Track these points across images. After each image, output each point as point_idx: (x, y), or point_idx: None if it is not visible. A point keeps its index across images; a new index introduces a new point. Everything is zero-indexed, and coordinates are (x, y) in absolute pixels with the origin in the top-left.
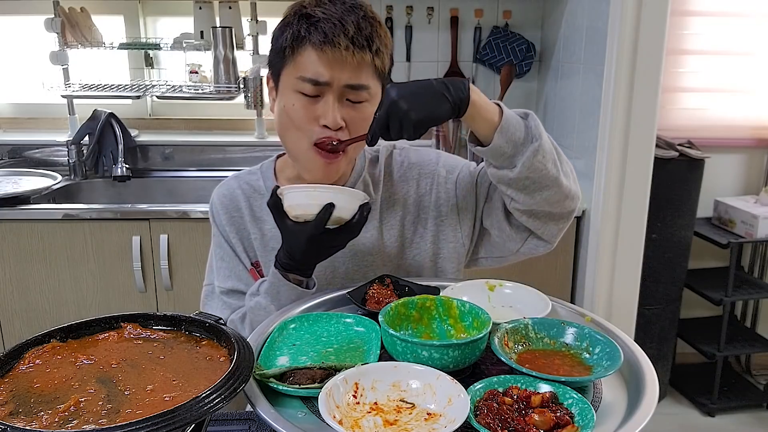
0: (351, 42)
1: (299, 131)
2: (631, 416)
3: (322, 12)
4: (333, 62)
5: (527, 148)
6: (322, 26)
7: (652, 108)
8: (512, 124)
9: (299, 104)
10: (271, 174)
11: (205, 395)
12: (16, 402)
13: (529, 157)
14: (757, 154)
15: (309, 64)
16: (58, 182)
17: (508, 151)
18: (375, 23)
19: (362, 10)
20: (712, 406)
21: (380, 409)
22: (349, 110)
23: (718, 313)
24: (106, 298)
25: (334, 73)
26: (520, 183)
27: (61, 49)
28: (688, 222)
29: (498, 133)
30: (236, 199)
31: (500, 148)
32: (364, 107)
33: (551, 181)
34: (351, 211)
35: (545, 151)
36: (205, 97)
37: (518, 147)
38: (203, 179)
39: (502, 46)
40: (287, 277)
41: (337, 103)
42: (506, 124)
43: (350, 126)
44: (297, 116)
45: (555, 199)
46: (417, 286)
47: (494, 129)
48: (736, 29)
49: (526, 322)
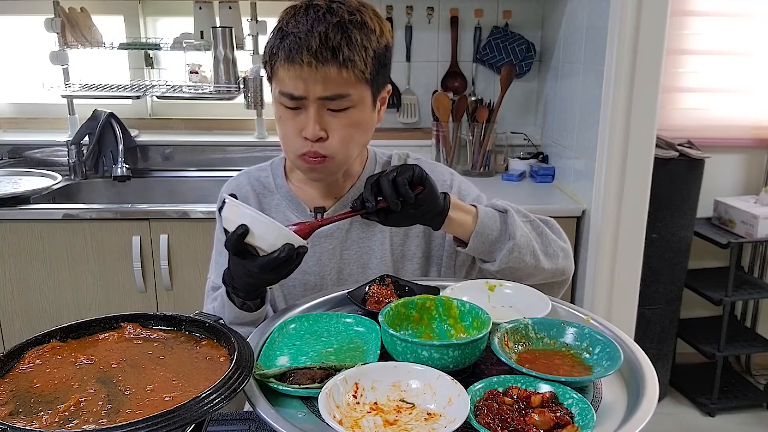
0: (313, 57)
1: (288, 142)
2: (631, 416)
3: (293, 26)
4: (301, 77)
5: (504, 245)
6: (287, 43)
7: (652, 108)
8: (487, 226)
9: (284, 116)
10: (281, 171)
11: (205, 395)
12: (16, 402)
13: (505, 254)
14: (757, 154)
15: (284, 79)
16: (58, 182)
17: (486, 249)
18: (349, 27)
19: (336, 16)
20: (712, 406)
21: (380, 409)
22: (331, 119)
23: (718, 313)
24: (106, 298)
25: (307, 87)
26: (504, 273)
27: (61, 49)
28: (688, 222)
29: (473, 237)
30: (245, 195)
31: (477, 248)
32: (349, 114)
33: (533, 270)
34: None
35: (521, 247)
36: (205, 97)
37: (494, 245)
38: (203, 179)
39: (502, 46)
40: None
41: (316, 114)
42: (480, 229)
43: (333, 135)
44: (283, 128)
45: (542, 281)
46: (417, 286)
47: (469, 234)
48: (736, 29)
49: (526, 322)
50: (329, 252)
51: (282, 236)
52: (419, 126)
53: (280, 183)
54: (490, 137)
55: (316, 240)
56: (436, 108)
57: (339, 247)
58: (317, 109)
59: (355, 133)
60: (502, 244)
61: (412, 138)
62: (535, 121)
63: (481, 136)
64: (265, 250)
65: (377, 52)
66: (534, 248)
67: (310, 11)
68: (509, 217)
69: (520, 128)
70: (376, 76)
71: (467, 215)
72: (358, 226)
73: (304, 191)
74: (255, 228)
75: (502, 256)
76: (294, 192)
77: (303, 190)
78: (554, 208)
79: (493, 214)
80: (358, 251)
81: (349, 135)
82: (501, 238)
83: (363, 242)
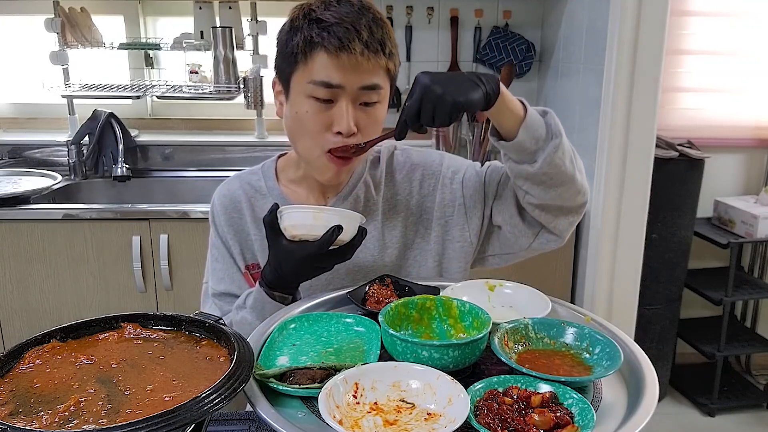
0: (366, 47)
1: (312, 139)
2: (631, 416)
3: (333, 15)
4: (348, 67)
5: (548, 144)
6: (335, 31)
7: (652, 108)
8: (535, 121)
9: (312, 110)
10: (272, 174)
11: (205, 395)
12: (16, 402)
13: (550, 153)
14: (757, 154)
15: (322, 68)
16: (58, 182)
17: (531, 147)
18: (385, 25)
19: (371, 13)
20: (712, 406)
21: (380, 409)
22: (361, 114)
23: (718, 313)
24: (106, 298)
25: (348, 77)
26: (539, 178)
27: (61, 49)
28: (688, 222)
29: (522, 128)
30: (237, 200)
31: (523, 143)
32: (376, 110)
33: (568, 178)
34: (351, 234)
35: (564, 149)
36: (205, 97)
37: (540, 143)
38: (203, 179)
39: (502, 46)
40: (272, 294)
41: (351, 107)
42: (530, 120)
43: (362, 130)
44: (310, 123)
45: (568, 194)
46: (417, 286)
47: (519, 124)
48: (736, 29)
49: (526, 322)
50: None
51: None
52: None
53: (271, 185)
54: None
55: None
56: None
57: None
58: (352, 101)
59: (377, 130)
60: (546, 142)
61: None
62: None
63: (481, 136)
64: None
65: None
66: (572, 155)
67: (343, 3)
68: (551, 116)
69: None
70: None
71: (516, 101)
72: None
73: (295, 192)
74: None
75: (546, 155)
76: (285, 194)
77: (294, 191)
78: None
79: (536, 112)
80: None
81: (375, 131)
82: (547, 135)
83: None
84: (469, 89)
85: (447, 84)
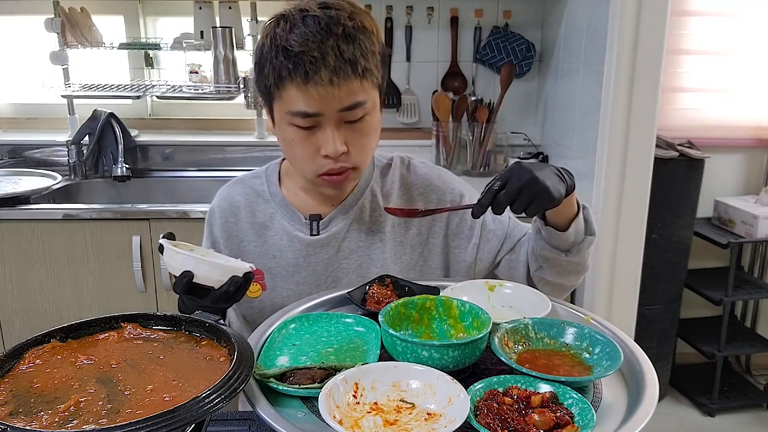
0: (334, 74)
1: (304, 164)
2: (631, 416)
3: (297, 41)
4: (321, 96)
5: (585, 240)
6: (301, 61)
7: (652, 108)
8: (584, 222)
9: (297, 137)
10: (275, 179)
11: (205, 395)
12: (16, 402)
13: (583, 248)
14: (757, 154)
15: (296, 100)
16: (58, 182)
17: (572, 240)
18: (356, 35)
19: (340, 26)
20: (712, 406)
21: (380, 409)
22: (348, 132)
23: (718, 313)
24: (106, 298)
25: (324, 104)
26: (562, 266)
27: (61, 49)
28: (688, 222)
29: (574, 224)
30: (235, 205)
31: (569, 237)
32: (365, 123)
33: (584, 269)
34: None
35: (592, 246)
36: (205, 97)
37: (579, 237)
38: (203, 179)
39: (502, 46)
40: None
41: (335, 129)
42: (579, 223)
43: (353, 147)
44: (298, 149)
45: (577, 280)
46: (417, 286)
47: (572, 219)
48: (736, 29)
49: (526, 322)
50: (324, 262)
51: (226, 272)
52: (419, 126)
53: (274, 191)
54: (490, 137)
55: (310, 250)
56: (436, 108)
57: (335, 256)
58: (336, 123)
59: (371, 140)
60: (585, 239)
61: (412, 138)
62: (535, 121)
63: (481, 136)
64: (212, 285)
65: (380, 53)
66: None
67: (308, 22)
68: (589, 211)
69: (520, 128)
70: (382, 77)
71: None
72: (356, 235)
73: (299, 198)
74: (198, 271)
75: (579, 249)
76: (288, 199)
77: (298, 196)
78: None
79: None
80: (357, 260)
81: (368, 143)
82: (585, 231)
83: (362, 251)
84: (559, 184)
85: (548, 178)
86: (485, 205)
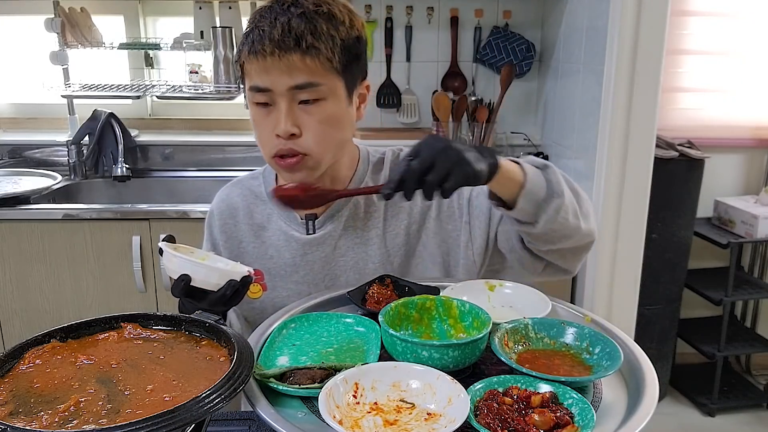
0: (276, 46)
1: (262, 145)
2: (631, 416)
3: (257, 22)
4: (266, 68)
5: (550, 205)
6: (251, 36)
7: (652, 108)
8: (535, 184)
9: (257, 117)
10: (272, 179)
11: (205, 395)
12: (16, 402)
13: (551, 214)
14: (757, 154)
15: (251, 73)
16: (58, 182)
17: (531, 210)
18: (314, 17)
19: (301, 8)
20: (712, 406)
21: (380, 409)
22: (303, 115)
23: (718, 313)
24: (106, 298)
25: (273, 78)
26: (542, 236)
27: (61, 49)
28: (688, 222)
29: (522, 196)
30: (234, 207)
31: (523, 209)
32: (322, 107)
33: (571, 230)
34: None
35: (566, 206)
36: (205, 97)
37: (541, 205)
38: (203, 179)
39: (502, 46)
40: None
41: (287, 109)
42: (530, 186)
43: (306, 132)
44: (258, 129)
45: (574, 242)
46: (417, 286)
47: (519, 190)
48: (736, 29)
49: (526, 322)
50: (321, 260)
51: (224, 276)
52: (419, 126)
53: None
54: (490, 137)
55: (307, 249)
56: (436, 108)
57: (331, 254)
58: (288, 103)
59: (329, 129)
60: (548, 203)
61: (412, 138)
62: (535, 121)
63: (481, 136)
64: (210, 289)
65: (346, 42)
66: (576, 209)
67: (275, 6)
68: (552, 172)
69: (520, 128)
70: (347, 67)
71: (515, 169)
72: (352, 232)
73: None
74: (196, 275)
75: (548, 217)
76: None
77: None
78: None
79: (536, 172)
80: (354, 257)
81: (324, 130)
82: (548, 197)
83: (358, 248)
84: (479, 160)
85: (466, 149)
86: (395, 180)
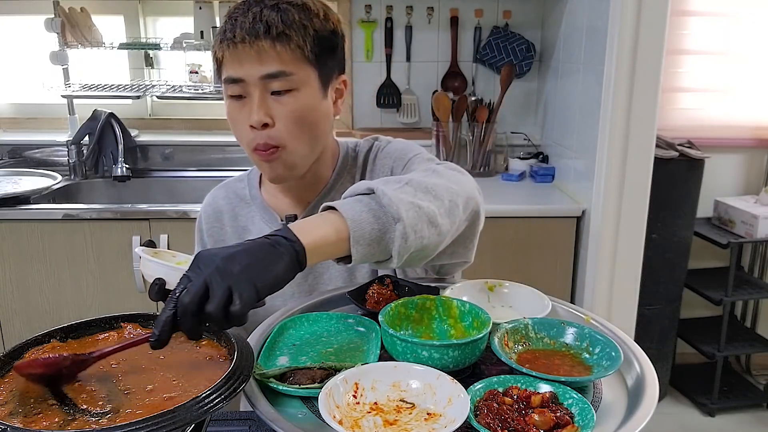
0: (247, 33)
1: (240, 138)
2: (631, 416)
3: (230, 13)
4: (238, 57)
5: (392, 235)
6: (224, 27)
7: (652, 108)
8: (362, 227)
9: (233, 110)
10: (255, 181)
11: (205, 395)
12: (16, 402)
13: (400, 242)
14: (757, 154)
15: (226, 65)
16: (58, 182)
17: (375, 251)
18: (286, 7)
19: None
20: (712, 406)
21: (380, 409)
22: (276, 105)
23: (718, 313)
24: (106, 298)
25: (244, 68)
26: (408, 263)
27: (61, 49)
28: (688, 222)
29: (354, 246)
30: (219, 211)
31: (365, 255)
32: (294, 97)
33: (438, 239)
34: None
35: (414, 225)
36: (205, 97)
37: (380, 241)
38: (203, 179)
39: (502, 46)
40: None
41: (259, 99)
42: (357, 231)
43: (278, 123)
44: (233, 124)
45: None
46: (417, 286)
47: (347, 244)
48: (736, 29)
49: (526, 322)
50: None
51: None
52: (419, 126)
53: (254, 194)
54: (490, 137)
55: None
56: (436, 108)
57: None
58: (260, 93)
59: (302, 120)
60: (388, 235)
61: (412, 138)
62: (535, 121)
63: (481, 136)
64: None
65: (320, 33)
66: (430, 212)
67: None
68: (381, 195)
69: (520, 128)
70: (321, 58)
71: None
72: None
73: (276, 199)
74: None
75: (399, 247)
76: (267, 201)
77: (276, 198)
78: (554, 208)
79: (359, 207)
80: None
81: (296, 121)
82: (384, 230)
83: None
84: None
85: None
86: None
